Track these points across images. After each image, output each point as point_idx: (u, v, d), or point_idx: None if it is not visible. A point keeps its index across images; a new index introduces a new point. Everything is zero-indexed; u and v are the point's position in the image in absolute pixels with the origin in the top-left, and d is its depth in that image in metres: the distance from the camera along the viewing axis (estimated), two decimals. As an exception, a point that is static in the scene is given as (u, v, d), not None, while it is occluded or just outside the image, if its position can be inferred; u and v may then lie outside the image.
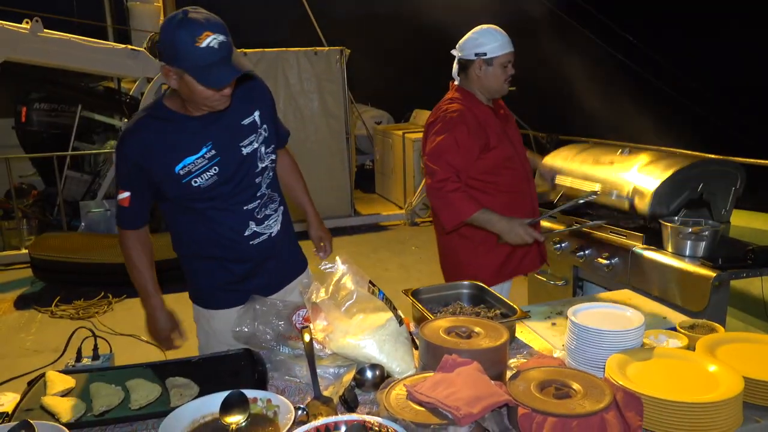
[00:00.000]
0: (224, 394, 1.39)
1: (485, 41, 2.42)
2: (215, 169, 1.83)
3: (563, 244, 2.98)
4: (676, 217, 2.60)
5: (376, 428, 1.29)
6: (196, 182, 1.81)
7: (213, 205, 1.87)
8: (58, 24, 6.71)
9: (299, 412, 1.40)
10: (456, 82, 2.55)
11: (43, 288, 5.55)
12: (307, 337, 1.65)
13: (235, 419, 1.34)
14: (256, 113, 1.91)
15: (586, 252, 2.83)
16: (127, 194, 1.84)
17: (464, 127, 2.37)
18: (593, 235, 2.85)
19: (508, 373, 1.51)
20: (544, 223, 3.01)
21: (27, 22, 5.88)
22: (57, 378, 1.58)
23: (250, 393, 1.42)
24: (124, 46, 6.92)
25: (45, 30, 6.01)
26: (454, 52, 2.52)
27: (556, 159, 3.30)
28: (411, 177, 7.93)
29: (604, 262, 2.70)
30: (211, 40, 1.58)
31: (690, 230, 2.44)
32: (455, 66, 2.53)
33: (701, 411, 1.28)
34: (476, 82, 2.47)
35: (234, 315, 1.97)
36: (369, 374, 1.56)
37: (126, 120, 6.84)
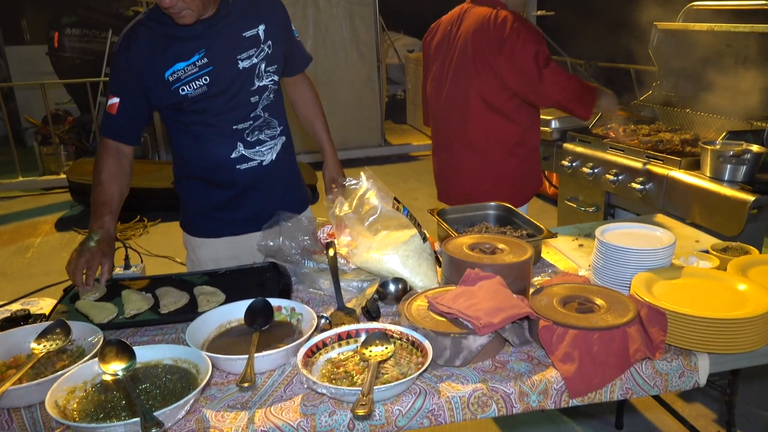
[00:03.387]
0: (249, 301, 1.42)
1: None
2: (206, 79, 1.74)
3: (596, 170, 2.90)
4: (717, 141, 2.49)
5: (397, 336, 1.30)
6: (184, 90, 1.73)
7: (202, 119, 1.79)
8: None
9: (322, 320, 1.43)
10: None
11: (82, 211, 5.73)
12: (331, 252, 1.66)
13: (259, 324, 1.37)
14: (261, 27, 1.81)
15: (620, 177, 2.75)
16: (116, 100, 1.74)
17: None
18: (628, 159, 2.76)
19: (531, 290, 1.51)
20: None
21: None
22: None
23: (274, 301, 1.44)
24: (151, -32, 6.79)
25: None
26: None
27: None
28: (443, 106, 7.76)
29: (638, 187, 2.62)
30: None
31: (731, 153, 2.34)
32: None
33: (726, 327, 1.25)
34: None
35: (218, 245, 1.97)
36: (392, 287, 1.56)
37: None
